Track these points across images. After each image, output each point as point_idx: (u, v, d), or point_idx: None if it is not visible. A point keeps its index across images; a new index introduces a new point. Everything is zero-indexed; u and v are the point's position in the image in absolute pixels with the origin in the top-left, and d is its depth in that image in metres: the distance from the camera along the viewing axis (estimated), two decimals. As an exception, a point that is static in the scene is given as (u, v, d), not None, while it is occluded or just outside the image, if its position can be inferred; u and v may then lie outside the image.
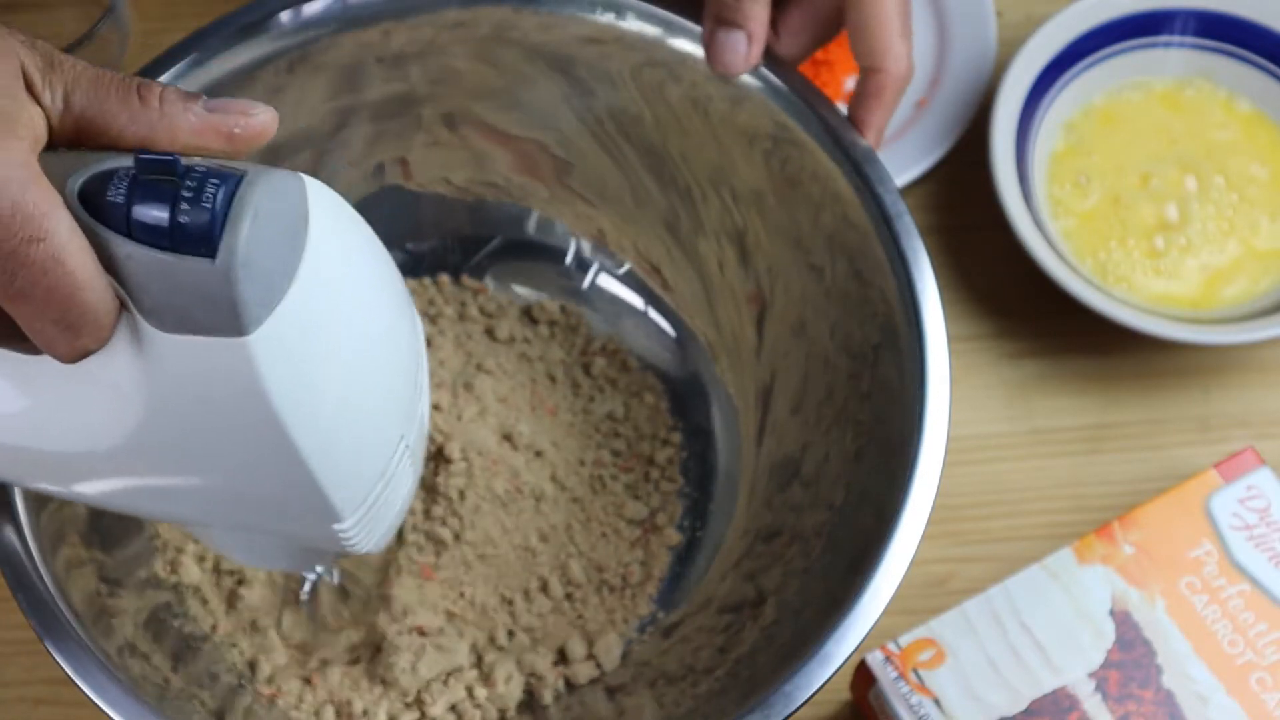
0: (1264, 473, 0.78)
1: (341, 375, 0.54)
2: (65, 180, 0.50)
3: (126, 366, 0.53)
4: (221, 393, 0.52)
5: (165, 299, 0.50)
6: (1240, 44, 0.91)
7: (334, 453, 0.55)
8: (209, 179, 0.50)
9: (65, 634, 0.65)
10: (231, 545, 0.64)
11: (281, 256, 0.51)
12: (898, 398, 0.71)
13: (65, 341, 0.51)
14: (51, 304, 0.50)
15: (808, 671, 0.65)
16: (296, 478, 0.55)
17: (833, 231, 0.75)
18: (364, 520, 0.58)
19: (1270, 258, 0.88)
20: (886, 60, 0.73)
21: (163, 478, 0.57)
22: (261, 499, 0.57)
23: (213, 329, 0.50)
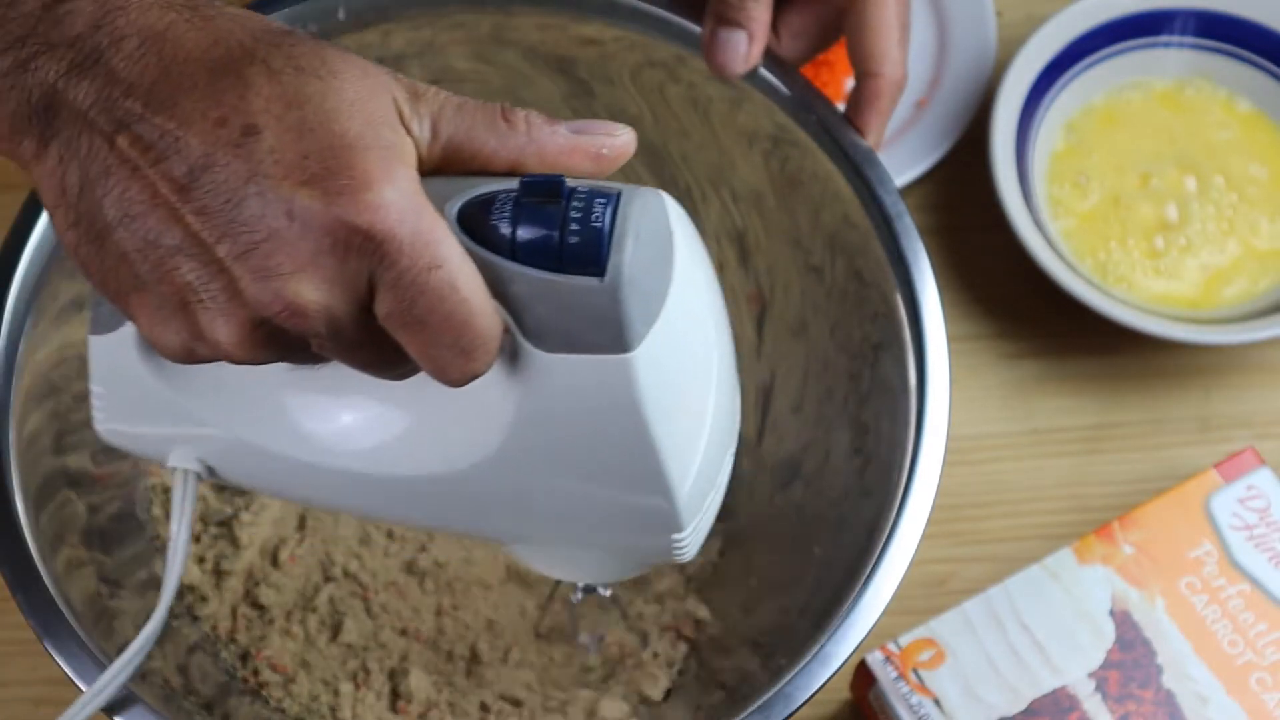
0: (1264, 473, 0.78)
1: (700, 389, 0.56)
2: (443, 205, 0.51)
3: (500, 388, 0.54)
4: (597, 408, 0.53)
5: (550, 320, 0.51)
6: (1240, 44, 0.91)
7: (689, 465, 0.56)
8: (595, 199, 0.51)
9: (65, 634, 0.65)
10: (554, 561, 0.65)
11: (658, 273, 0.52)
12: (898, 398, 0.71)
13: (457, 367, 0.51)
14: (447, 330, 0.50)
15: (808, 672, 0.65)
16: (654, 491, 0.56)
17: (832, 232, 0.75)
18: (698, 528, 0.59)
19: (1270, 258, 0.88)
20: (884, 65, 0.73)
21: (513, 496, 0.57)
22: (611, 514, 0.57)
23: (596, 347, 0.51)
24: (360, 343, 0.52)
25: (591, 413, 0.53)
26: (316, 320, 0.50)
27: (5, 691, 0.80)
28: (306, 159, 0.49)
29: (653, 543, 0.58)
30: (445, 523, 0.61)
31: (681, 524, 0.57)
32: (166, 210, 0.50)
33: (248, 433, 0.59)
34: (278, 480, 0.60)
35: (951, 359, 0.70)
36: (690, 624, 0.77)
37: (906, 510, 0.67)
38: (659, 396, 0.53)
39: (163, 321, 0.52)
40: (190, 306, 0.51)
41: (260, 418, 0.58)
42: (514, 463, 0.56)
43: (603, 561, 0.64)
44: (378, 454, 0.58)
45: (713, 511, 0.60)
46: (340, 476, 0.58)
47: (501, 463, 0.56)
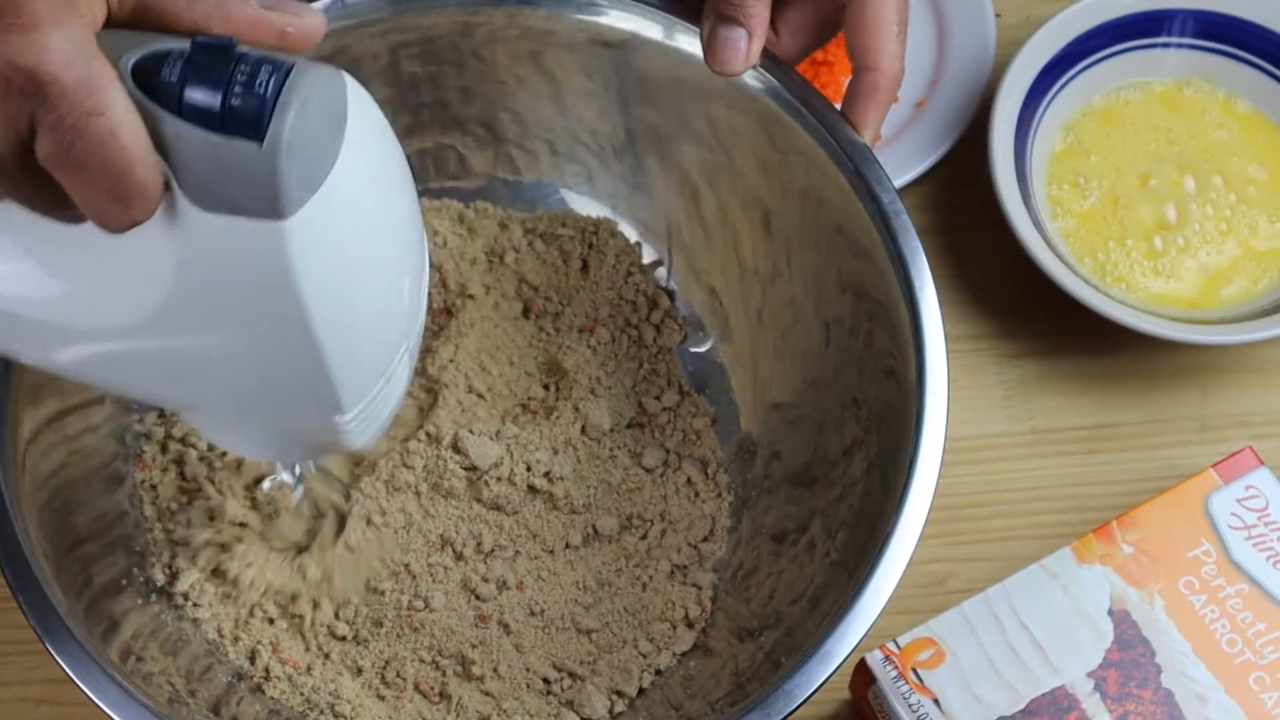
0: (1262, 473, 0.79)
1: (363, 268, 0.56)
2: (119, 58, 0.52)
3: (161, 242, 0.54)
4: (251, 273, 0.54)
5: (209, 179, 0.52)
6: (1239, 44, 0.91)
7: (347, 343, 0.57)
8: (262, 65, 0.52)
9: (65, 634, 0.65)
10: (224, 433, 0.65)
11: (322, 146, 0.53)
12: (896, 397, 0.71)
13: (115, 213, 0.52)
14: (106, 176, 0.51)
15: (807, 670, 0.65)
16: (310, 364, 0.56)
17: (830, 231, 0.76)
18: (363, 415, 0.60)
19: (1269, 258, 0.88)
20: (882, 59, 0.73)
21: (178, 356, 0.58)
22: (272, 384, 0.58)
23: (252, 210, 0.52)
24: (22, 181, 0.52)
25: (247, 277, 0.54)
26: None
27: (5, 691, 0.79)
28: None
29: (317, 421, 0.59)
30: (117, 381, 0.62)
31: (342, 405, 0.58)
32: None
33: None
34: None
35: (950, 359, 0.70)
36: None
37: (905, 509, 0.67)
38: (316, 268, 0.54)
39: None
40: None
41: None
42: (176, 322, 0.56)
43: (276, 438, 0.64)
44: (51, 303, 0.58)
45: (387, 403, 0.61)
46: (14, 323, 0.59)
47: (164, 320, 0.56)
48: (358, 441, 0.61)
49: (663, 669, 0.76)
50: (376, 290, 0.58)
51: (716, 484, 0.81)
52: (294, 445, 0.66)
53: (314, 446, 0.66)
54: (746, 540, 0.79)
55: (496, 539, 0.78)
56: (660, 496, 0.80)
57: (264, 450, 0.68)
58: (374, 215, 0.56)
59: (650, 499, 0.80)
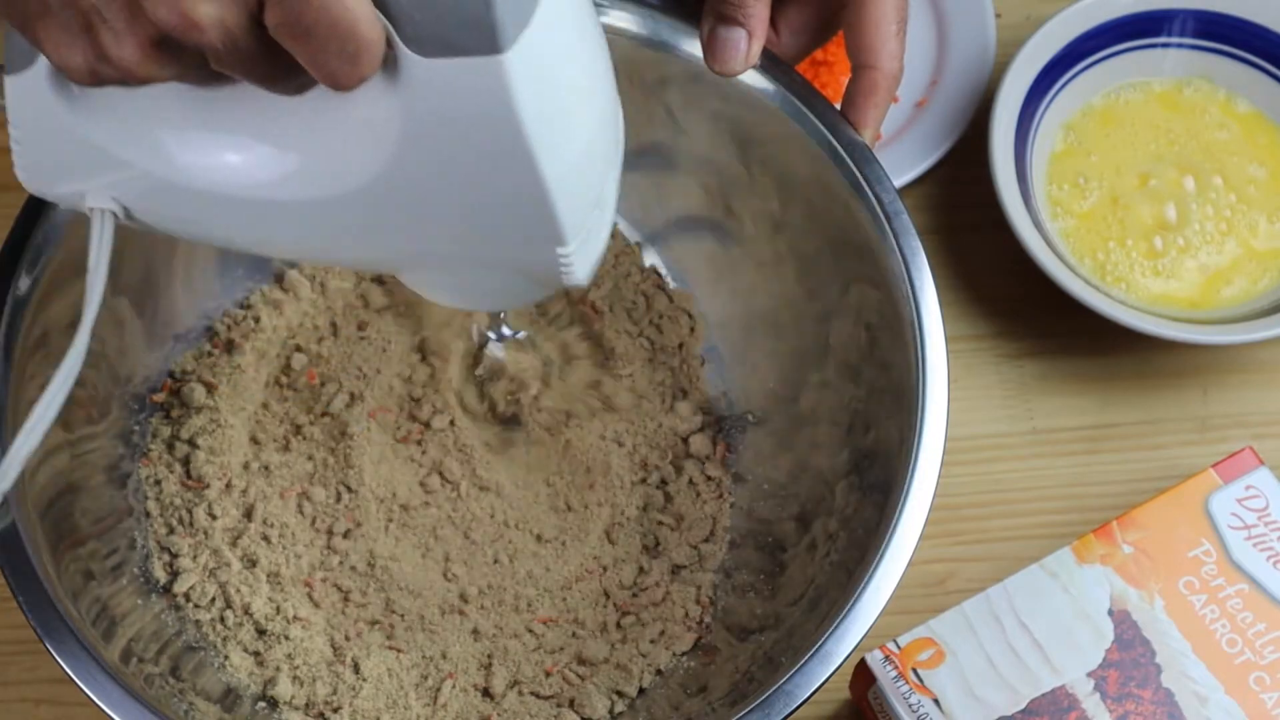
0: (1262, 472, 0.79)
1: (576, 100, 0.58)
2: None
3: (384, 99, 0.56)
4: (475, 112, 0.55)
5: (427, 24, 0.54)
6: (1239, 44, 0.91)
7: (568, 174, 0.58)
8: None
9: (65, 634, 0.65)
10: (444, 286, 0.67)
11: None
12: (896, 398, 0.71)
13: (345, 71, 0.54)
14: (333, 37, 0.53)
15: (807, 670, 0.65)
16: (534, 197, 0.58)
17: (830, 231, 0.76)
18: (583, 245, 0.61)
19: (1269, 258, 0.88)
20: (881, 58, 0.73)
21: (408, 211, 0.59)
22: (498, 223, 0.60)
23: (471, 48, 0.54)
24: (254, 56, 0.54)
25: (471, 117, 0.56)
26: (212, 33, 0.52)
27: (6, 691, 0.80)
28: None
29: (539, 257, 0.61)
30: (347, 249, 0.64)
31: (564, 236, 0.60)
32: None
33: (153, 164, 0.60)
34: (189, 215, 0.62)
35: (951, 359, 0.70)
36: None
37: (905, 510, 0.67)
38: (533, 99, 0.55)
39: (68, 44, 0.54)
40: (94, 28, 0.53)
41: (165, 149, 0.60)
42: (405, 175, 0.58)
43: (498, 283, 0.65)
44: (280, 181, 0.59)
45: (601, 234, 0.63)
46: (248, 206, 0.60)
47: (394, 176, 0.58)
48: (579, 273, 0.62)
49: (663, 669, 0.76)
50: (588, 117, 0.60)
51: (718, 485, 0.81)
52: (515, 289, 0.67)
53: (536, 287, 0.67)
54: (746, 541, 0.79)
55: (498, 533, 0.79)
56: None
57: (483, 299, 0.69)
58: (578, 45, 0.59)
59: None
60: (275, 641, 0.76)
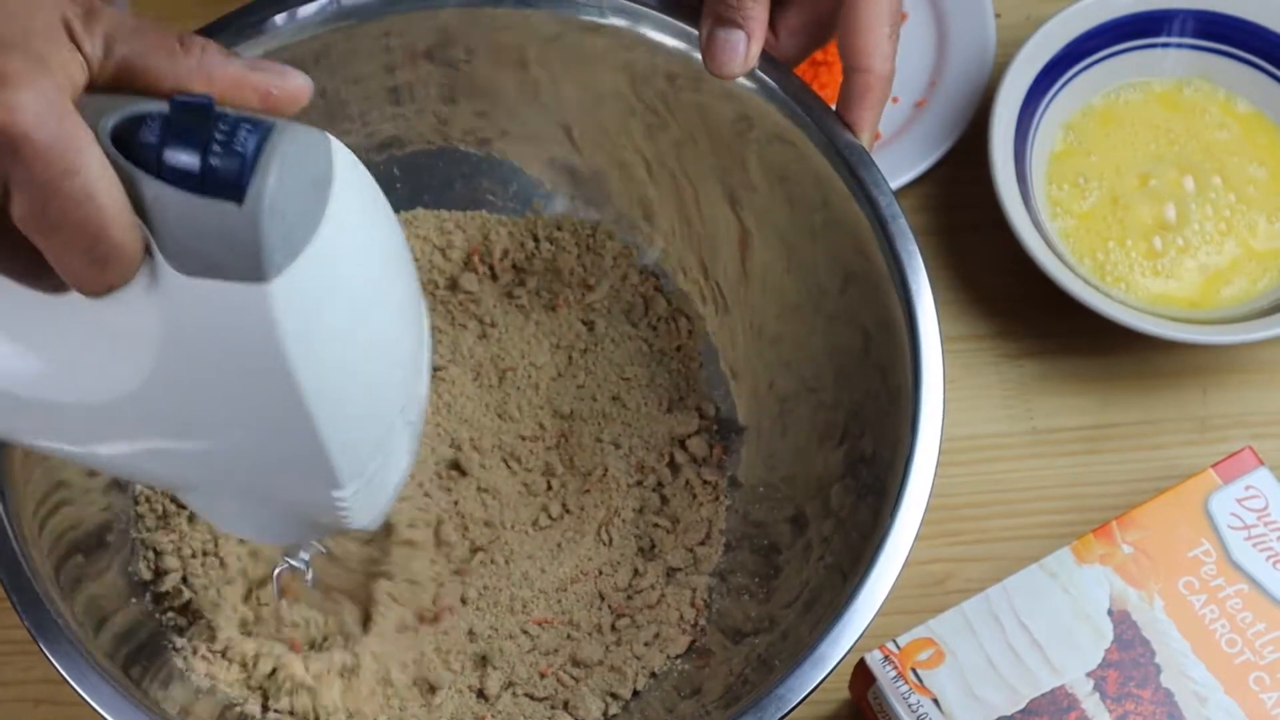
0: (1262, 473, 0.78)
1: (353, 334, 0.54)
2: (99, 120, 0.51)
3: (143, 310, 0.53)
4: (236, 339, 0.52)
5: (190, 241, 0.51)
6: (1239, 44, 0.91)
7: (340, 414, 0.55)
8: (241, 124, 0.50)
9: (58, 635, 0.65)
10: (225, 515, 0.63)
11: (306, 208, 0.51)
12: (892, 398, 0.71)
13: (92, 276, 0.51)
14: (82, 237, 0.50)
15: (801, 674, 0.65)
16: (302, 436, 0.55)
17: (828, 234, 0.75)
18: (362, 491, 0.58)
19: (1268, 258, 0.88)
20: (874, 60, 0.73)
21: (169, 431, 0.56)
22: (265, 459, 0.56)
23: (234, 274, 0.51)
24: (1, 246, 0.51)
25: (232, 344, 0.52)
26: None
27: (4, 691, 0.80)
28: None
29: (314, 497, 0.57)
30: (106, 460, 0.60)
31: (339, 480, 0.56)
32: None
33: None
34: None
35: (949, 359, 0.70)
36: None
37: (900, 513, 0.67)
38: (303, 333, 0.52)
39: None
40: None
41: None
42: (166, 393, 0.54)
43: (276, 518, 0.62)
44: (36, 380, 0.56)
45: (388, 479, 0.59)
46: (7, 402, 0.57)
47: (154, 392, 0.55)
48: (359, 519, 0.59)
49: (657, 671, 0.76)
50: (369, 358, 0.56)
51: (714, 488, 0.81)
52: (295, 525, 0.63)
53: (316, 526, 0.64)
54: (742, 544, 0.79)
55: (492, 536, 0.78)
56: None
57: (265, 532, 0.65)
58: (364, 280, 0.54)
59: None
60: (266, 644, 0.75)
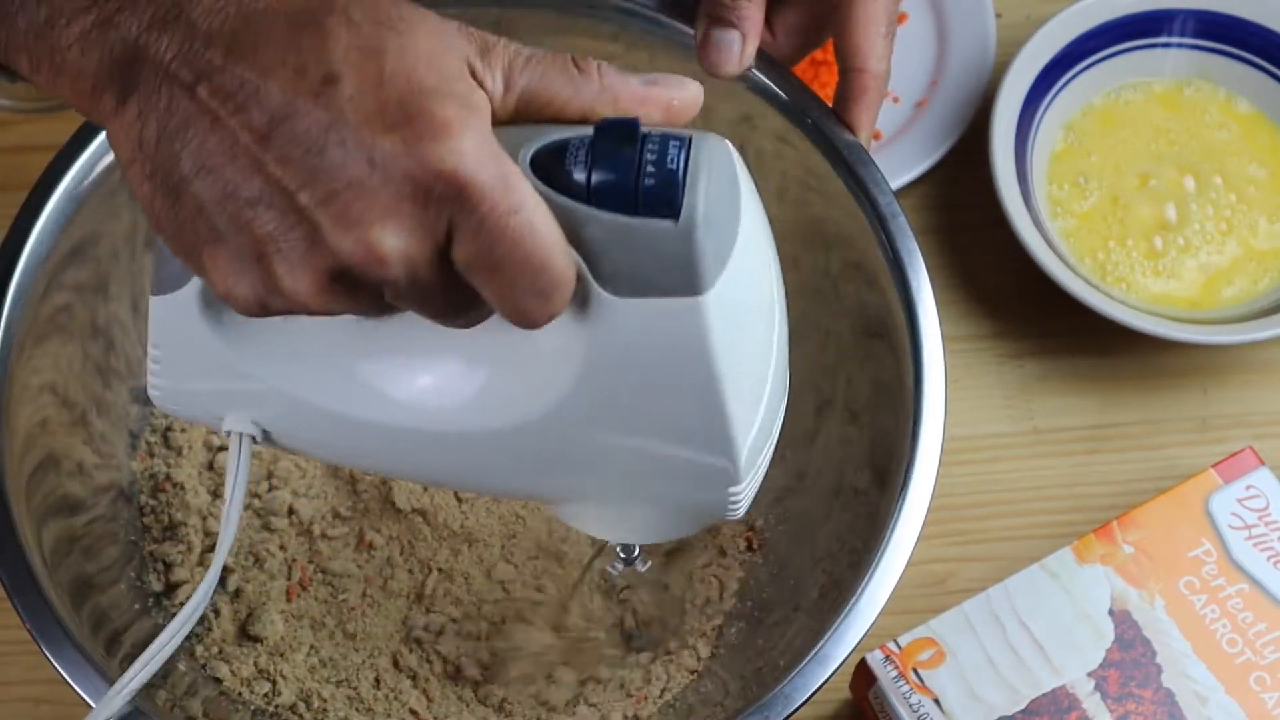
0: (1263, 473, 0.79)
1: (764, 336, 0.57)
2: (516, 153, 0.52)
3: (569, 334, 0.54)
4: (667, 354, 0.54)
5: (624, 263, 0.52)
6: (1239, 44, 0.91)
7: (752, 415, 0.57)
8: (670, 141, 0.52)
9: (61, 637, 0.65)
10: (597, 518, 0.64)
11: (728, 216, 0.53)
12: (894, 398, 0.71)
13: (536, 309, 0.52)
14: (526, 272, 0.51)
15: (806, 673, 0.65)
16: (717, 438, 0.56)
17: (827, 233, 0.75)
18: (753, 482, 0.59)
19: (1269, 258, 0.88)
20: (870, 60, 0.73)
21: (579, 446, 0.58)
22: (675, 464, 0.57)
23: (669, 290, 0.52)
24: (436, 290, 0.52)
25: (661, 358, 0.54)
26: (396, 268, 0.51)
27: (6, 691, 0.80)
28: (386, 107, 0.50)
29: (710, 497, 0.59)
30: (509, 482, 0.61)
31: (740, 476, 0.58)
32: (247, 159, 0.50)
33: (307, 391, 0.59)
34: (335, 441, 0.60)
35: (950, 359, 0.70)
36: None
37: (904, 511, 0.67)
38: (728, 341, 0.53)
39: (237, 273, 0.52)
40: (268, 257, 0.51)
41: (321, 376, 0.59)
42: (582, 412, 0.56)
43: (655, 518, 0.63)
44: (444, 411, 0.58)
45: (765, 466, 0.60)
46: (405, 436, 0.58)
47: (570, 412, 0.56)
48: (740, 509, 0.60)
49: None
50: (771, 356, 0.58)
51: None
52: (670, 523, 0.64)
53: (693, 521, 0.65)
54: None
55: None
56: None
57: (636, 532, 0.66)
58: (768, 277, 0.56)
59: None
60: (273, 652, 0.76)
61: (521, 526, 0.79)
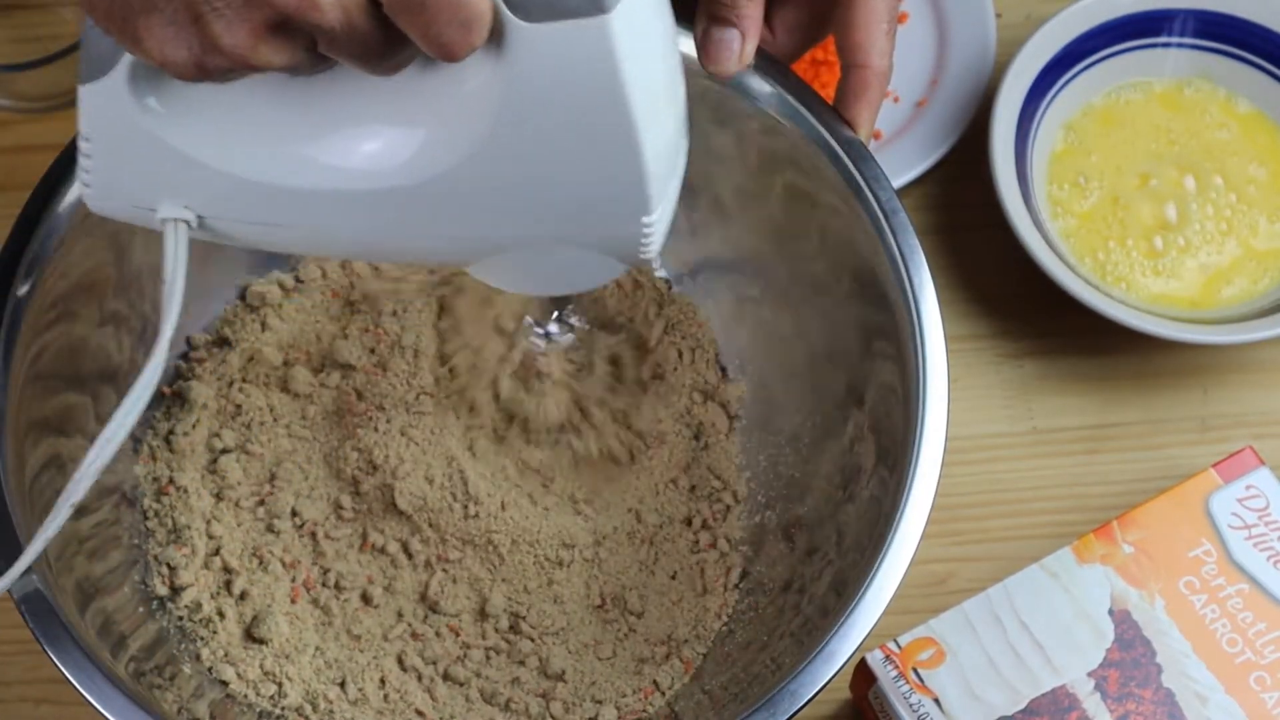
0: (1263, 472, 0.79)
1: (665, 62, 0.60)
2: None
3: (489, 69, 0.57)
4: (578, 77, 0.56)
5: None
6: (1240, 44, 0.91)
7: (657, 136, 0.59)
8: None
9: (63, 637, 0.65)
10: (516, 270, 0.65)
11: None
12: (896, 397, 0.71)
13: (459, 40, 0.54)
14: (447, 7, 0.53)
15: (811, 670, 0.65)
16: (629, 163, 0.59)
17: (828, 230, 0.76)
18: (662, 215, 0.62)
19: (1269, 258, 0.88)
20: (872, 56, 0.73)
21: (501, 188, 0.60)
22: (589, 194, 0.60)
23: (577, 10, 0.55)
24: (367, 33, 0.54)
25: (574, 81, 0.56)
26: (331, 14, 0.53)
27: (6, 691, 0.80)
28: None
29: (623, 229, 0.61)
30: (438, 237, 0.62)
31: (650, 204, 0.60)
32: None
33: (240, 165, 0.60)
34: (270, 218, 0.61)
35: (951, 359, 0.70)
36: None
37: (907, 510, 0.67)
38: (635, 64, 0.56)
39: (173, 38, 0.54)
40: (204, 17, 0.53)
41: (253, 149, 0.60)
42: (505, 148, 0.58)
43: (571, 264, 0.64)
44: (376, 169, 0.59)
45: (672, 204, 0.63)
46: (338, 201, 0.60)
47: (494, 148, 0.58)
48: (656, 244, 0.62)
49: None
50: (674, 82, 0.61)
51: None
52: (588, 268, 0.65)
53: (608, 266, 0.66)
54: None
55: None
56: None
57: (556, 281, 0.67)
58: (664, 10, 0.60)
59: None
60: (278, 654, 0.76)
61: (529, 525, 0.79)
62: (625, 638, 0.77)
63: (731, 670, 0.74)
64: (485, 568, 0.77)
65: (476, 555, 0.78)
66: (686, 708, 0.74)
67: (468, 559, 0.78)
